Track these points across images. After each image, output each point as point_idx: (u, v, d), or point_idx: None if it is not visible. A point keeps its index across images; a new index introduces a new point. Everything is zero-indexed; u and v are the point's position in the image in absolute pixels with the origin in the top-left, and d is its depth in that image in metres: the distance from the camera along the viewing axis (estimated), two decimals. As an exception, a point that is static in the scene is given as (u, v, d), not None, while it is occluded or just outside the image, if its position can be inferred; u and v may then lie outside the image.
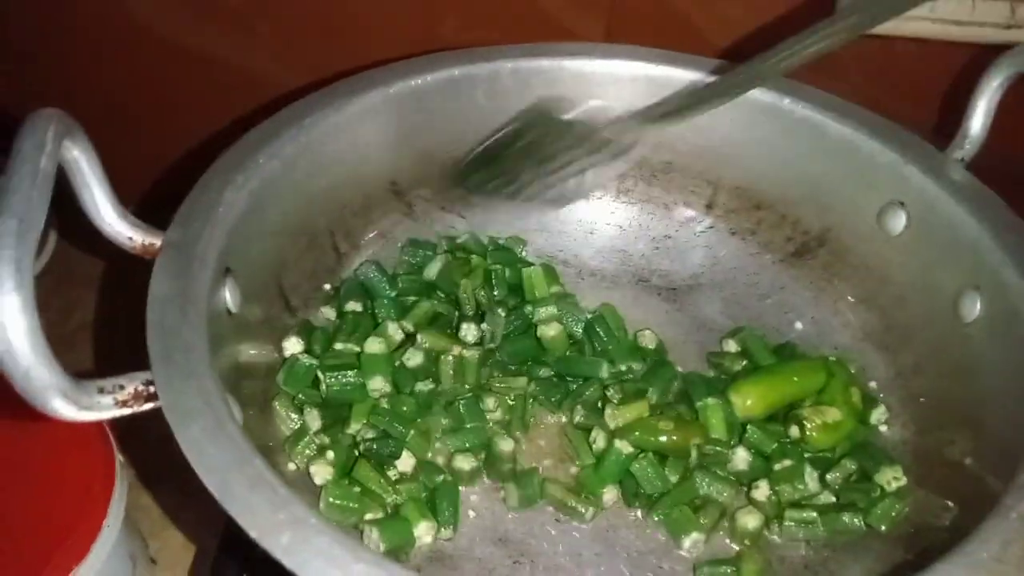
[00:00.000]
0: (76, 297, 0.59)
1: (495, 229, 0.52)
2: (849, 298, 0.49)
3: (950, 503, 0.38)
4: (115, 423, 0.31)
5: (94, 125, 0.34)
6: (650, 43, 0.50)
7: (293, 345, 0.44)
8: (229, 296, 0.38)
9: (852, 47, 0.52)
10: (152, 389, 0.31)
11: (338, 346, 0.44)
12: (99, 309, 0.58)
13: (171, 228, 0.36)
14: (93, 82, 0.60)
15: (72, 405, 0.28)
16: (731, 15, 0.54)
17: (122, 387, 0.30)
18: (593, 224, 0.54)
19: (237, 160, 0.40)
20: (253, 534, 0.27)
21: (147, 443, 0.38)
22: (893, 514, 0.39)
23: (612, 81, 0.49)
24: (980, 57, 0.45)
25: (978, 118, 0.44)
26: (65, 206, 0.34)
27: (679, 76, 0.49)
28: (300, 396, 0.42)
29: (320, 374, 0.42)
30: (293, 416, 0.42)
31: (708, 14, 0.54)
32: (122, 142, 0.61)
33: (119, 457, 0.39)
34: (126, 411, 0.30)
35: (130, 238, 0.36)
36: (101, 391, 0.30)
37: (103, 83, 0.60)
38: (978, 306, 0.40)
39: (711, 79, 0.48)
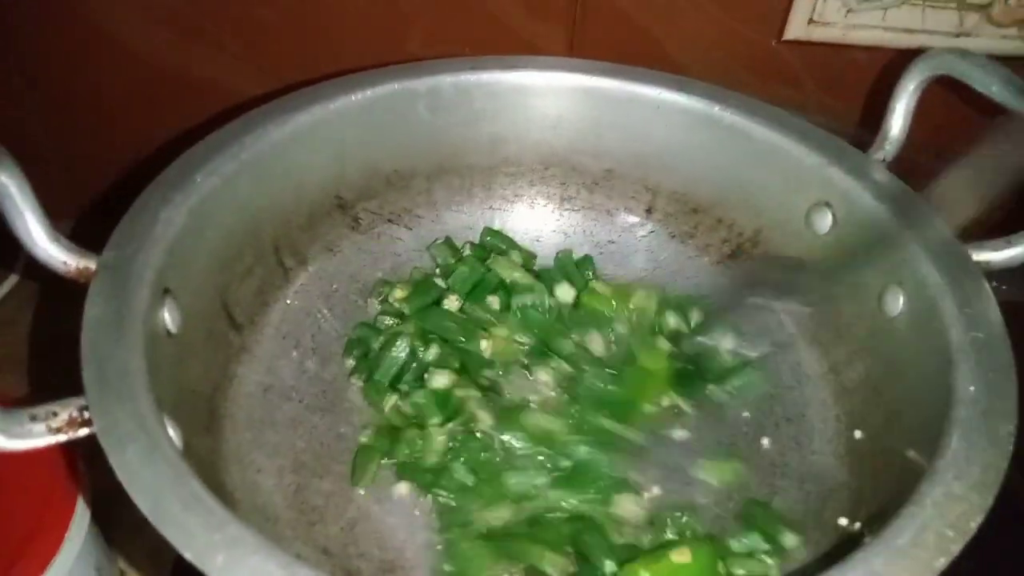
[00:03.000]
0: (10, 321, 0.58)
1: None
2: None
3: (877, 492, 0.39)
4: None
5: (38, 138, 0.34)
6: (612, 57, 0.50)
7: None
8: (168, 316, 0.38)
9: (803, 54, 0.54)
10: (87, 415, 0.31)
11: None
12: (34, 334, 0.57)
13: (106, 250, 0.36)
14: (33, 92, 0.59)
15: (0, 434, 0.28)
16: (692, 30, 0.55)
17: (55, 413, 0.30)
18: (539, 232, 0.55)
19: (174, 179, 0.40)
20: (187, 555, 0.27)
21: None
22: None
23: (552, 93, 0.50)
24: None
25: (897, 120, 0.45)
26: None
27: (618, 88, 0.50)
28: None
29: None
30: None
31: (669, 29, 0.55)
32: (68, 154, 0.61)
33: (83, 468, 0.39)
34: (61, 438, 0.30)
35: (64, 262, 0.36)
36: (33, 418, 0.30)
37: (42, 94, 0.59)
38: (901, 301, 0.42)
39: (649, 90, 0.49)
